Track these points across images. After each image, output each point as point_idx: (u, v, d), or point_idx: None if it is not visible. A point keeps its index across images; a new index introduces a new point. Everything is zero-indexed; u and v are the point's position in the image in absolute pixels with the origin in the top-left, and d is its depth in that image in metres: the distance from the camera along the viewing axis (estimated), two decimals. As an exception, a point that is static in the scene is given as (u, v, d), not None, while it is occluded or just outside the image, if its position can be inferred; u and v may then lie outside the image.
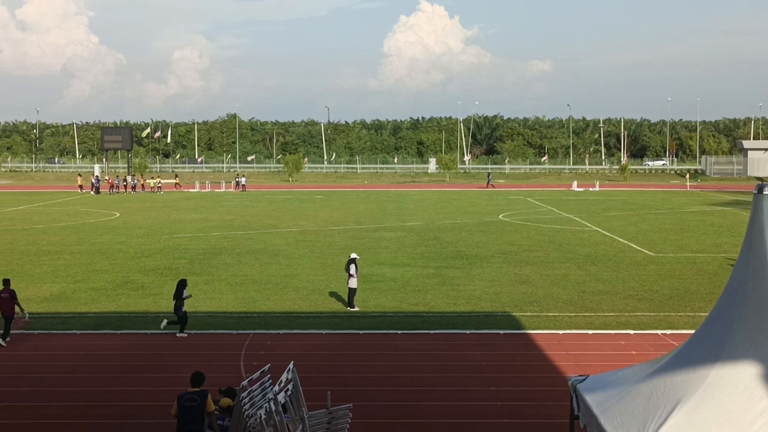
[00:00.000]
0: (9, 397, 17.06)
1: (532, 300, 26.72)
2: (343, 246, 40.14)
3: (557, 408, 15.71)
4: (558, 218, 55.71)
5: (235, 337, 22.06)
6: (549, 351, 20.51)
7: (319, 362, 19.52)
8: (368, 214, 59.85)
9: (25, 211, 63.65)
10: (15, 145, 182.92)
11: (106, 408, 16.36)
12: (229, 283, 29.83)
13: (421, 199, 76.12)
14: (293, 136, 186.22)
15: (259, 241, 42.65)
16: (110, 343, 21.51)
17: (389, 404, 16.55)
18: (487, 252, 37.96)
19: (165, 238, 44.26)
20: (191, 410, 12.43)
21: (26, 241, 42.59)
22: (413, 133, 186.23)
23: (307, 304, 26.27)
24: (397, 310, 25.31)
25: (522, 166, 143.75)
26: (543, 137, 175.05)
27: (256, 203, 71.58)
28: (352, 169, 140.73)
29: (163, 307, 25.59)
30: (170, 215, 58.99)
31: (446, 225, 50.86)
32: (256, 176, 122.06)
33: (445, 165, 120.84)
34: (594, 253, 37.41)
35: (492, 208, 64.37)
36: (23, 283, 29.96)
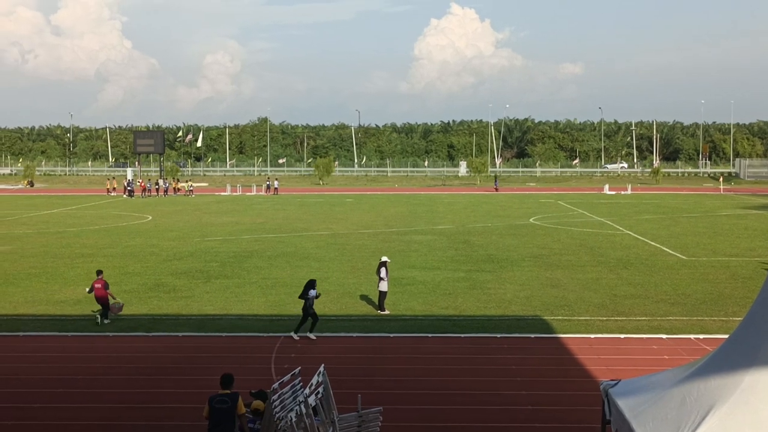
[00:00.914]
0: (44, 398, 17.23)
1: (564, 304, 26.57)
2: (374, 249, 40.16)
3: (589, 413, 15.60)
4: (589, 221, 55.39)
5: (265, 339, 22.13)
6: (580, 355, 20.39)
7: (349, 365, 19.53)
8: (399, 217, 59.85)
9: (59, 214, 64.31)
10: (49, 149, 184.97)
11: (138, 410, 16.47)
12: (260, 286, 29.94)
13: (451, 203, 76.00)
14: (324, 139, 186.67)
15: (290, 244, 42.78)
16: (142, 346, 21.66)
17: (420, 408, 16.52)
18: (518, 255, 37.81)
19: (196, 241, 44.52)
20: (222, 412, 12.46)
21: (60, 244, 43.02)
22: (444, 137, 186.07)
23: (338, 307, 26.30)
24: (427, 313, 25.27)
25: (553, 169, 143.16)
26: (574, 140, 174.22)
27: (287, 206, 71.82)
28: (383, 173, 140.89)
29: (195, 310, 25.76)
30: (202, 218, 59.34)
31: (477, 228, 50.74)
32: (287, 179, 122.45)
33: (475, 168, 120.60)
34: (626, 257, 37.15)
35: (523, 212, 64.14)
36: (57, 285, 30.28)
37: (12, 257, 37.90)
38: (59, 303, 27.05)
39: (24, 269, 34.18)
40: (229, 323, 24.02)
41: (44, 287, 29.92)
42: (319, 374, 13.27)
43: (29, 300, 27.55)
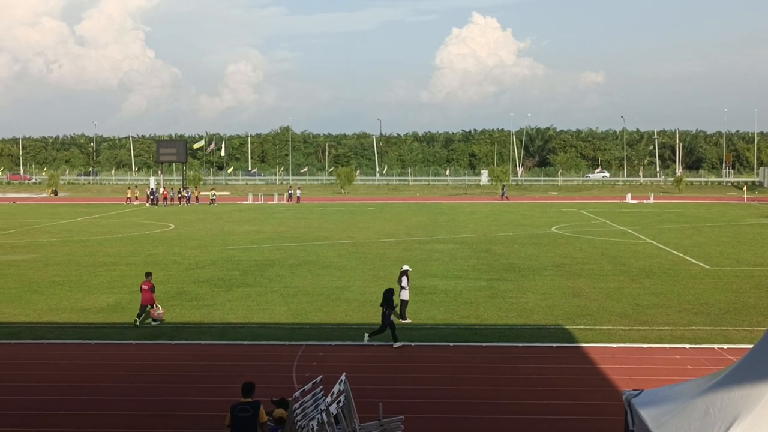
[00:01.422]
0: (67, 405, 17.34)
1: (586, 313, 26.47)
2: (395, 258, 40.16)
3: (611, 423, 15.52)
4: (611, 231, 55.15)
5: (287, 348, 22.17)
6: (603, 365, 20.30)
7: (370, 374, 19.53)
8: (420, 226, 59.83)
9: (82, 222, 64.75)
10: (73, 157, 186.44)
11: (161, 418, 16.55)
12: (282, 295, 30.01)
13: (473, 212, 75.91)
14: (345, 148, 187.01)
15: (312, 252, 42.86)
16: (165, 354, 21.76)
17: (441, 417, 16.50)
18: (540, 264, 37.71)
19: (218, 249, 44.69)
20: (244, 421, 12.47)
21: (83, 252, 43.31)
22: (465, 146, 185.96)
23: (359, 315, 26.32)
24: (448, 322, 25.24)
25: (575, 178, 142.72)
26: (596, 149, 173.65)
27: (309, 215, 71.97)
28: (404, 182, 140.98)
29: (217, 318, 25.85)
30: (224, 227, 59.57)
31: (498, 237, 50.64)
32: (309, 188, 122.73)
33: (497, 177, 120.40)
34: (648, 266, 36.96)
35: (545, 221, 63.96)
36: (80, 293, 30.48)
37: (36, 265, 38.20)
38: (83, 311, 27.23)
39: (48, 277, 34.44)
40: (251, 331, 24.09)
41: (68, 295, 30.13)
42: (340, 383, 13.29)
43: (53, 308, 27.75)
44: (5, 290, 31.32)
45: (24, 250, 44.79)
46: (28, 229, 57.87)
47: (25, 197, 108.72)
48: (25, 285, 32.50)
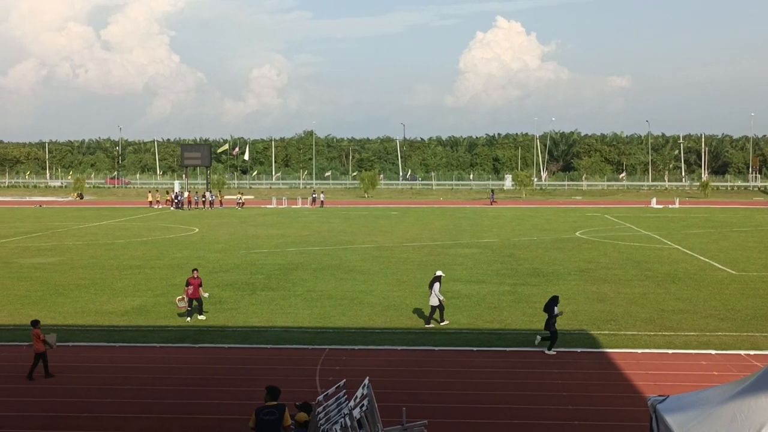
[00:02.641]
0: (93, 407, 17.43)
1: (610, 318, 26.32)
2: (419, 262, 40.13)
3: (636, 429, 15.42)
4: (636, 235, 54.83)
5: (310, 352, 22.18)
6: (627, 370, 20.17)
7: (394, 378, 19.51)
8: (443, 230, 59.75)
9: (107, 226, 65.17)
10: (98, 161, 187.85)
11: (185, 420, 16.60)
12: (305, 299, 30.04)
13: (496, 216, 75.72)
14: (369, 152, 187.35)
15: (335, 256, 42.90)
16: (189, 357, 21.83)
17: (464, 422, 16.45)
18: (564, 269, 37.54)
19: (242, 253, 44.82)
20: (269, 424, 12.47)
21: (108, 256, 43.58)
22: (489, 150, 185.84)
23: (383, 320, 26.30)
24: (472, 327, 25.17)
25: (599, 182, 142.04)
26: (621, 153, 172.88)
27: (332, 219, 72.05)
28: (428, 186, 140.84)
29: (240, 322, 25.92)
30: (247, 231, 59.74)
31: (522, 242, 50.48)
32: (332, 192, 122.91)
33: (521, 182, 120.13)
34: (674, 271, 36.71)
35: (569, 225, 63.70)
36: (105, 296, 30.66)
37: (62, 268, 38.47)
38: (107, 314, 27.38)
39: (73, 280, 34.67)
40: (275, 335, 24.13)
41: (93, 298, 30.31)
42: (363, 387, 13.27)
43: (78, 311, 27.93)
44: (31, 293, 31.56)
45: (50, 253, 45.13)
46: (54, 232, 58.31)
47: (51, 200, 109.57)
48: (51, 288, 32.73)
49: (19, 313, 27.55)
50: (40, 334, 19.83)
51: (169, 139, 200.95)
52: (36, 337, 19.81)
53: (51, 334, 20.30)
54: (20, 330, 24.99)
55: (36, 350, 19.74)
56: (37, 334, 19.85)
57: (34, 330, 19.95)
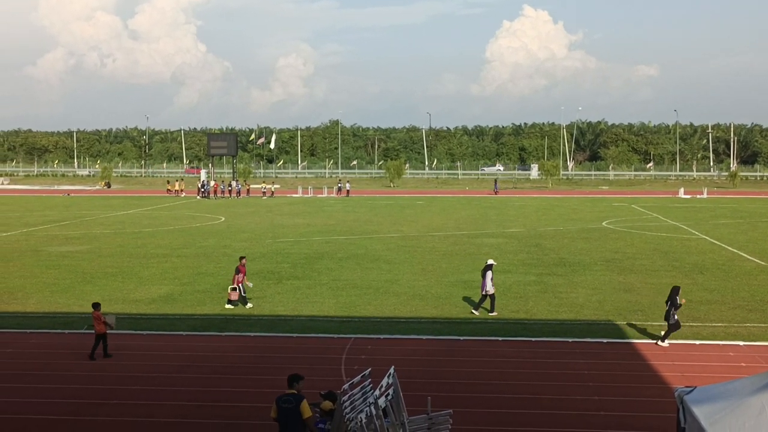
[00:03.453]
0: (120, 395, 17.57)
1: (637, 309, 26.17)
2: (444, 252, 40.09)
3: (662, 419, 15.34)
4: (663, 226, 54.47)
5: (336, 341, 22.23)
6: (654, 361, 20.06)
7: (419, 367, 19.51)
8: (469, 220, 59.64)
9: (134, 214, 65.59)
10: (126, 150, 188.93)
11: (212, 408, 16.69)
12: (331, 288, 30.10)
13: (522, 206, 75.48)
14: (395, 141, 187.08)
15: (361, 246, 42.94)
16: (215, 345, 21.94)
17: (490, 411, 16.43)
18: (590, 259, 37.36)
19: (268, 242, 44.96)
20: (287, 412, 12.49)
21: (136, 244, 43.87)
22: (515, 139, 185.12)
23: (408, 309, 26.30)
24: (498, 317, 25.11)
25: (626, 172, 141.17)
26: (648, 143, 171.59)
27: (358, 208, 72.09)
28: (453, 175, 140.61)
29: (266, 310, 26.01)
30: (273, 220, 59.92)
31: (548, 232, 50.30)
32: (358, 182, 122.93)
33: (547, 171, 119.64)
34: (701, 262, 36.44)
35: (595, 215, 63.38)
36: (132, 284, 30.87)
37: (90, 256, 38.77)
38: (134, 302, 27.57)
39: (101, 268, 34.93)
40: (300, 324, 24.21)
41: (120, 286, 30.53)
42: (389, 376, 13.28)
43: (106, 299, 28.09)
44: (60, 281, 31.84)
45: (78, 241, 45.49)
46: (82, 221, 58.77)
47: (79, 189, 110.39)
48: (79, 276, 33.00)
49: (47, 301, 27.81)
50: (101, 316, 20.84)
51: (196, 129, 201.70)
52: (97, 319, 20.79)
53: (110, 316, 21.39)
54: (49, 317, 25.24)
55: (97, 331, 20.70)
56: (98, 316, 20.82)
57: (95, 312, 20.91)
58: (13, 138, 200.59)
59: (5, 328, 23.83)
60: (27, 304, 27.42)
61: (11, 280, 32.08)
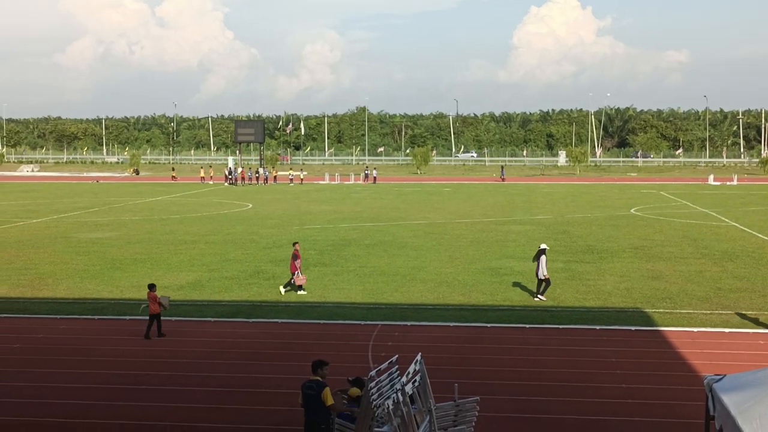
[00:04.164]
0: (149, 380, 17.71)
1: (665, 296, 26.01)
2: (471, 239, 40.02)
3: (691, 408, 15.26)
4: (693, 213, 54.05)
5: (363, 327, 22.26)
6: (682, 349, 19.93)
7: (446, 354, 19.51)
8: (496, 207, 59.49)
9: (162, 201, 65.97)
10: (154, 137, 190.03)
11: (238, 394, 16.78)
12: (358, 275, 30.14)
13: (550, 193, 75.16)
14: (422, 128, 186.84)
15: (387, 232, 42.95)
16: (243, 331, 22.05)
17: (517, 398, 16.40)
18: (618, 246, 37.15)
19: (295, 229, 45.07)
20: (310, 398, 12.52)
21: (164, 231, 44.14)
22: (543, 126, 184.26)
23: (435, 296, 26.29)
24: (525, 304, 25.06)
25: (655, 159, 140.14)
26: (678, 129, 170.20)
27: (385, 195, 72.10)
28: (481, 162, 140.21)
29: (293, 297, 26.09)
30: (300, 206, 60.07)
31: (576, 219, 50.07)
32: (385, 168, 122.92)
33: (575, 158, 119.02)
34: (731, 249, 36.13)
35: (623, 202, 63.01)
36: (161, 271, 31.06)
37: (118, 243, 39.05)
38: (163, 288, 27.68)
39: (130, 255, 35.18)
40: (327, 311, 24.27)
41: (149, 273, 30.72)
42: (416, 363, 13.28)
43: (135, 285, 28.34)
44: (90, 267, 32.11)
45: (107, 228, 45.84)
46: (111, 208, 59.19)
47: (108, 176, 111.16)
48: (108, 262, 33.26)
49: (77, 287, 28.05)
50: (156, 297, 21.59)
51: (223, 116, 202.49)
52: (152, 299, 21.49)
53: (164, 297, 22.06)
54: (79, 303, 25.46)
55: (151, 312, 21.41)
56: (153, 297, 21.55)
57: (150, 293, 21.64)
58: (43, 125, 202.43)
59: (36, 314, 24.09)
60: (57, 290, 27.68)
61: (42, 266, 32.40)
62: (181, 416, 15.54)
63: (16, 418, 15.45)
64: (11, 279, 29.63)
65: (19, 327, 22.60)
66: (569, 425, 15.01)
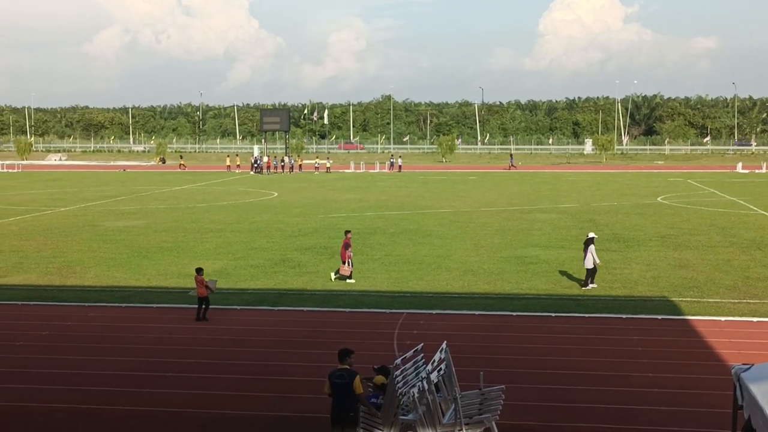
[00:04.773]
0: (176, 368, 17.81)
1: (692, 285, 25.83)
2: (497, 227, 39.91)
3: (718, 397, 15.15)
4: (721, 201, 53.61)
5: (388, 316, 22.28)
6: (710, 338, 19.79)
7: (471, 343, 19.48)
8: (522, 195, 59.30)
9: (189, 190, 66.28)
10: (180, 126, 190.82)
11: (264, 382, 16.84)
12: (383, 263, 30.15)
13: (576, 181, 74.81)
14: (447, 116, 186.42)
15: (413, 221, 42.92)
16: (268, 319, 22.13)
17: (542, 387, 16.35)
18: (645, 235, 36.92)
19: (321, 217, 45.15)
20: (340, 387, 12.52)
21: (190, 219, 44.35)
22: (569, 114, 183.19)
23: (460, 284, 26.25)
24: (550, 292, 24.98)
25: (682, 147, 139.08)
26: (705, 117, 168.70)
27: (410, 184, 72.04)
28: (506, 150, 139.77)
29: (318, 285, 26.14)
30: (326, 195, 60.15)
31: (602, 207, 49.80)
32: (410, 157, 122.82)
33: (601, 146, 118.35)
34: (760, 238, 35.80)
35: (650, 191, 62.61)
36: (187, 259, 31.22)
37: (145, 231, 39.29)
38: (189, 276, 27.74)
39: (156, 243, 35.39)
40: (353, 299, 24.30)
41: (175, 261, 30.90)
42: (441, 351, 13.28)
43: (161, 273, 28.51)
44: (117, 255, 32.32)
45: (134, 216, 46.13)
46: (138, 196, 59.55)
47: (135, 165, 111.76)
48: (135, 250, 33.47)
49: (105, 275, 28.25)
50: (203, 280, 22.02)
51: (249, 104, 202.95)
52: (200, 283, 21.98)
53: (212, 280, 22.57)
54: (107, 291, 25.64)
55: (199, 295, 21.97)
56: (200, 280, 22.01)
57: (198, 277, 22.10)
58: (71, 114, 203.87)
59: (64, 302, 24.29)
60: (85, 277, 27.90)
61: (70, 254, 32.66)
62: (207, 403, 15.62)
63: (45, 404, 15.60)
64: (40, 267, 29.90)
65: (47, 314, 22.81)
66: (595, 414, 14.96)
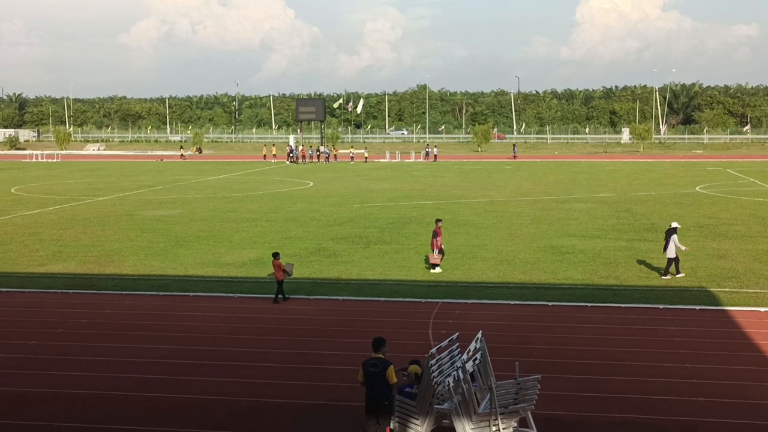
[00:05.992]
0: (213, 356, 17.93)
1: (731, 275, 25.54)
2: (532, 217, 39.72)
3: (757, 388, 15.00)
4: (761, 190, 52.93)
5: (423, 305, 22.27)
6: (749, 329, 19.56)
7: (507, 333, 19.43)
8: (558, 184, 58.95)
9: (225, 179, 66.66)
10: (216, 116, 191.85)
11: (298, 370, 16.90)
12: (418, 252, 30.12)
13: (613, 170, 74.24)
14: (483, 106, 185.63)
15: (448, 210, 42.83)
16: (304, 308, 22.20)
17: (578, 377, 16.27)
18: (683, 225, 36.40)
19: (356, 207, 45.20)
20: (375, 376, 12.53)
21: (226, 209, 44.60)
22: (606, 103, 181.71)
23: (496, 274, 26.18)
24: (587, 282, 24.82)
25: (722, 136, 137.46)
26: (745, 105, 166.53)
27: (445, 173, 71.90)
28: (542, 140, 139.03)
29: (354, 275, 26.18)
30: (361, 185, 60.20)
31: (639, 197, 49.38)
32: (445, 146, 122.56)
33: (639, 135, 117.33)
34: (800, 228, 35.33)
35: (688, 180, 61.98)
36: (224, 248, 31.41)
37: (182, 220, 39.58)
38: (226, 265, 28.06)
39: (193, 232, 35.64)
40: (388, 288, 24.31)
41: (212, 250, 31.10)
42: (476, 340, 13.26)
43: (198, 262, 28.71)
44: (154, 244, 32.60)
45: (171, 205, 46.49)
46: (175, 186, 59.99)
47: (172, 155, 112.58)
48: (173, 239, 33.74)
49: (142, 264, 28.52)
50: (281, 265, 22.75)
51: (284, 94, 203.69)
52: (277, 267, 22.70)
53: (289, 264, 23.19)
54: (144, 280, 25.88)
55: (277, 278, 22.67)
56: (278, 264, 22.74)
57: (275, 261, 22.84)
58: (108, 105, 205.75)
59: (103, 290, 24.55)
60: (123, 266, 28.17)
61: (108, 243, 32.99)
62: (242, 391, 15.71)
63: (83, 390, 15.78)
64: (79, 255, 30.24)
65: (86, 302, 23.06)
66: (631, 405, 14.84)
